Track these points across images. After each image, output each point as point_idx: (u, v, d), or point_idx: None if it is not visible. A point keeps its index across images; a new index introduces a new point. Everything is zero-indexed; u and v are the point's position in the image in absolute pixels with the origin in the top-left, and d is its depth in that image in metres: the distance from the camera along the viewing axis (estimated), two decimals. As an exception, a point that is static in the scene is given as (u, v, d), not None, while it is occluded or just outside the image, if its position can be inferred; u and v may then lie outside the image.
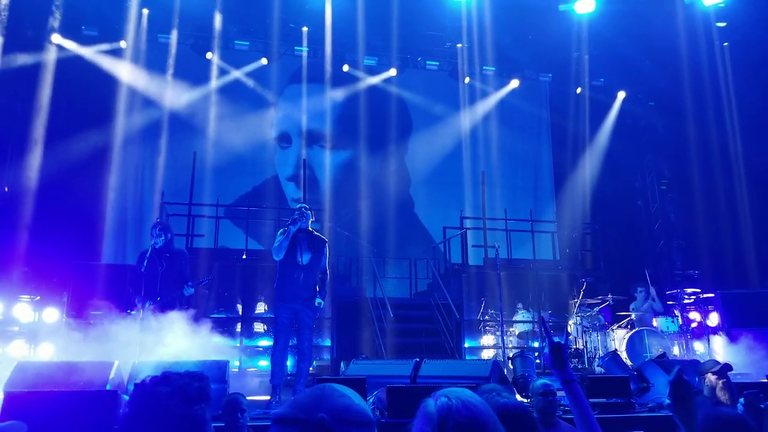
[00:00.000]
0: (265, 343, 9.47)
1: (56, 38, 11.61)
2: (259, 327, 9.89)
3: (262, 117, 13.26)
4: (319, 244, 6.57)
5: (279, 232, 6.54)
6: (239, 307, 10.08)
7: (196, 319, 7.02)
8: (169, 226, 7.22)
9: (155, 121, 12.35)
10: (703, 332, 9.58)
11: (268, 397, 6.37)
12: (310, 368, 6.75)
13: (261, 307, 10.14)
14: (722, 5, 11.52)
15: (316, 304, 6.44)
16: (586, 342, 9.74)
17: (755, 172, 11.99)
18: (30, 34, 11.25)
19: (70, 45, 11.79)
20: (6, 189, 11.01)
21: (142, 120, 12.32)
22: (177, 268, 6.91)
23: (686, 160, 13.20)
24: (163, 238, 6.90)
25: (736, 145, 12.47)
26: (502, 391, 2.91)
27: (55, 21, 11.29)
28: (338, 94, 13.53)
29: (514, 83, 14.20)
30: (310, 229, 6.61)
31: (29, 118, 10.95)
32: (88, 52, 11.97)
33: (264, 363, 8.69)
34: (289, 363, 7.31)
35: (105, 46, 12.07)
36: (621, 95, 14.42)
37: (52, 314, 8.71)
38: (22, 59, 10.94)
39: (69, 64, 11.56)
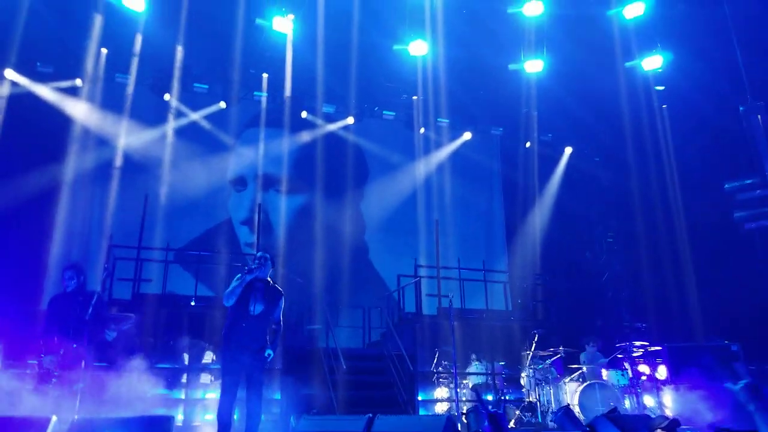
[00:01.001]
0: (213, 396, 9.13)
1: (9, 73, 11.35)
2: (206, 378, 9.53)
3: (218, 160, 13.14)
4: (275, 295, 6.36)
5: (235, 278, 6.29)
6: (185, 356, 9.72)
7: (117, 367, 6.76)
8: (82, 268, 6.94)
9: (107, 161, 12.08)
10: (653, 385, 9.74)
11: (214, 456, 6.10)
12: (258, 424, 6.53)
13: (209, 357, 9.81)
14: (660, 71, 12.23)
15: (266, 354, 6.16)
16: (539, 395, 9.77)
17: (696, 226, 12.56)
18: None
19: (24, 81, 11.54)
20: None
21: (94, 159, 12.01)
22: (94, 312, 6.64)
23: (630, 214, 13.76)
24: (75, 281, 6.69)
25: (676, 199, 13.09)
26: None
27: (10, 55, 11.05)
28: (296, 140, 13.60)
29: (467, 135, 14.68)
30: (268, 279, 6.45)
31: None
32: (43, 90, 11.73)
33: (210, 417, 8.36)
34: (236, 417, 7.04)
35: (60, 84, 11.85)
36: (568, 150, 15.06)
37: (-16, 363, 8.22)
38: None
39: (21, 100, 11.29)
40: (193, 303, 10.23)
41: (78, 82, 11.93)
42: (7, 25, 10.50)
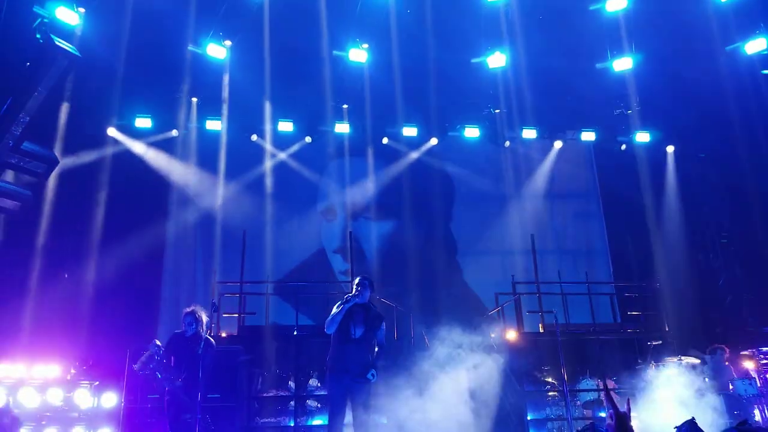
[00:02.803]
0: (319, 422, 9.23)
1: (112, 131, 12.34)
2: (313, 403, 9.68)
3: (308, 193, 13.49)
4: (375, 318, 6.47)
5: (336, 305, 6.41)
6: (292, 384, 9.93)
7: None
8: (200, 317, 7.28)
9: (207, 206, 12.75)
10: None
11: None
12: None
13: (314, 383, 9.98)
14: (765, 53, 11.31)
15: (369, 376, 6.22)
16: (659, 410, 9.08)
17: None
18: (89, 131, 11.97)
19: (124, 138, 12.47)
20: (66, 275, 11.44)
21: (195, 207, 12.73)
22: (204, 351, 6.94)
23: (744, 211, 12.68)
24: (194, 327, 7.14)
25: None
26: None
27: (110, 115, 12.03)
28: (381, 166, 13.74)
29: (558, 144, 14.13)
30: (369, 303, 6.52)
31: (88, 209, 11.52)
32: (141, 146, 12.61)
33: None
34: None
35: (157, 137, 12.68)
36: (670, 149, 14.10)
37: (111, 399, 8.78)
38: (85, 156, 11.65)
39: (124, 159, 12.21)
40: (295, 332, 10.46)
41: (174, 132, 12.76)
42: (103, 85, 11.39)
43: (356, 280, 6.59)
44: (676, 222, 13.82)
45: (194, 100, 12.51)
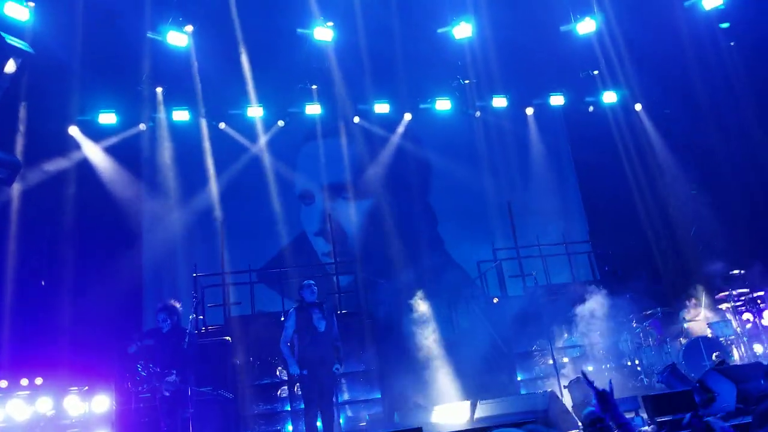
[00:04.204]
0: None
1: (74, 130, 12.01)
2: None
3: (283, 177, 13.39)
4: (330, 312, 7.28)
5: (286, 318, 7.30)
6: (282, 370, 9.96)
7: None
8: (174, 308, 7.29)
9: (183, 197, 12.58)
10: (760, 332, 9.23)
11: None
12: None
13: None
14: (722, 7, 11.52)
15: (334, 369, 7.05)
16: (641, 359, 9.40)
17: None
18: (50, 131, 11.64)
19: (84, 139, 12.15)
20: (43, 283, 11.23)
21: (167, 202, 12.54)
22: (189, 344, 6.96)
23: (712, 162, 13.01)
24: (168, 322, 7.14)
25: (761, 139, 12.26)
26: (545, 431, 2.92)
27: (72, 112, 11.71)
28: (354, 145, 13.69)
29: (528, 111, 14.23)
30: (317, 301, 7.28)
31: (59, 212, 11.28)
32: (105, 144, 12.33)
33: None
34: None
35: (125, 134, 12.40)
36: (638, 107, 14.28)
37: (103, 402, 8.74)
38: (51, 165, 11.38)
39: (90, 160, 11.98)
40: (282, 318, 10.47)
41: (141, 126, 12.48)
42: (61, 81, 11.04)
43: (304, 282, 7.42)
44: (644, 177, 14.08)
45: (159, 90, 12.22)
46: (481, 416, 6.72)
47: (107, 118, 12.05)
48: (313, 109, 12.96)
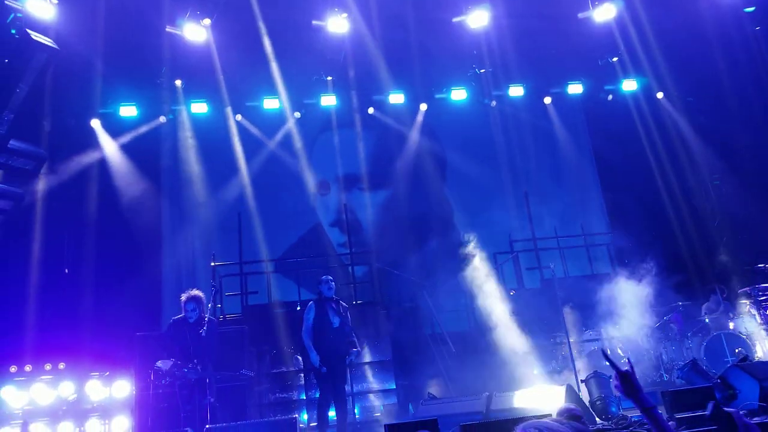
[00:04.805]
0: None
1: (95, 123, 12.18)
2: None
3: (299, 168, 13.43)
4: (345, 310, 7.60)
5: (306, 312, 7.56)
6: (300, 359, 10.06)
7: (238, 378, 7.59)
8: (202, 299, 7.38)
9: (199, 191, 12.70)
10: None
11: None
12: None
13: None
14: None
15: (352, 358, 7.58)
16: (661, 354, 9.29)
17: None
18: (74, 124, 11.84)
19: (103, 134, 12.33)
20: (66, 271, 11.47)
21: (187, 192, 12.69)
22: (208, 333, 7.09)
23: (735, 151, 12.72)
24: (197, 312, 7.22)
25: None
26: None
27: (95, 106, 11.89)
28: (369, 136, 13.67)
29: (547, 100, 14.03)
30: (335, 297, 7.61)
31: (83, 203, 11.49)
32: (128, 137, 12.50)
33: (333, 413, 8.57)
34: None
35: (144, 128, 12.56)
36: (660, 95, 13.99)
37: (123, 387, 8.90)
38: (75, 158, 11.57)
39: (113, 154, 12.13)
40: (299, 308, 10.56)
41: (162, 119, 12.64)
42: (84, 76, 11.22)
43: (322, 277, 7.72)
44: (666, 168, 13.84)
45: (178, 83, 12.32)
46: (497, 408, 6.72)
47: (128, 111, 12.29)
48: (329, 101, 12.98)
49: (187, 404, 6.99)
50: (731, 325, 9.36)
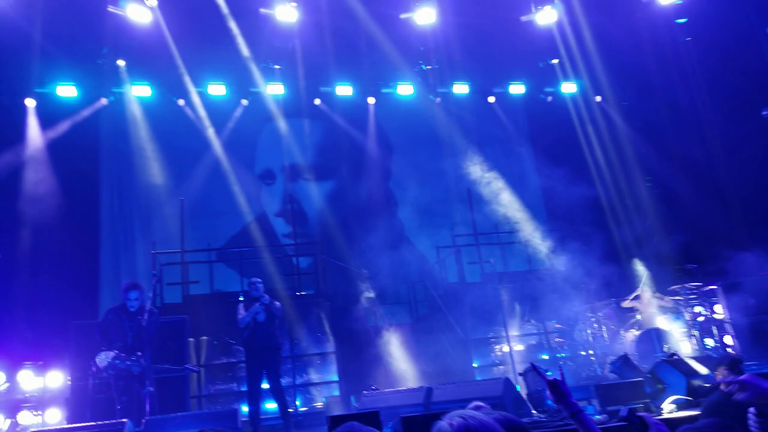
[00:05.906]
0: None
1: (30, 102, 11.59)
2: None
3: (244, 157, 13.23)
4: (270, 302, 7.93)
5: (241, 307, 7.93)
6: (241, 349, 9.97)
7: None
8: (144, 287, 7.27)
9: (141, 177, 12.32)
10: (711, 325, 9.56)
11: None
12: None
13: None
14: (680, 2, 11.82)
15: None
16: (595, 349, 9.72)
17: (736, 158, 12.17)
18: (5, 102, 11.23)
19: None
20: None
21: (126, 173, 12.28)
22: (149, 322, 6.98)
23: (667, 154, 13.39)
24: (139, 301, 7.09)
25: (714, 133, 12.68)
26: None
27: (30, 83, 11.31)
28: (316, 126, 13.61)
29: (490, 99, 14.36)
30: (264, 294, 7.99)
31: (15, 188, 10.94)
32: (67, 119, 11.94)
33: (271, 405, 8.57)
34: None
35: (86, 111, 12.03)
36: (598, 98, 14.55)
37: (57, 378, 8.61)
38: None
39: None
40: (241, 298, 10.42)
41: (103, 101, 12.16)
42: (19, 52, 10.66)
43: (251, 280, 8.15)
44: (600, 169, 14.42)
45: (121, 63, 11.86)
46: (437, 401, 6.88)
47: (67, 91, 11.72)
48: (276, 89, 12.83)
49: (123, 395, 6.84)
50: (661, 322, 9.86)
